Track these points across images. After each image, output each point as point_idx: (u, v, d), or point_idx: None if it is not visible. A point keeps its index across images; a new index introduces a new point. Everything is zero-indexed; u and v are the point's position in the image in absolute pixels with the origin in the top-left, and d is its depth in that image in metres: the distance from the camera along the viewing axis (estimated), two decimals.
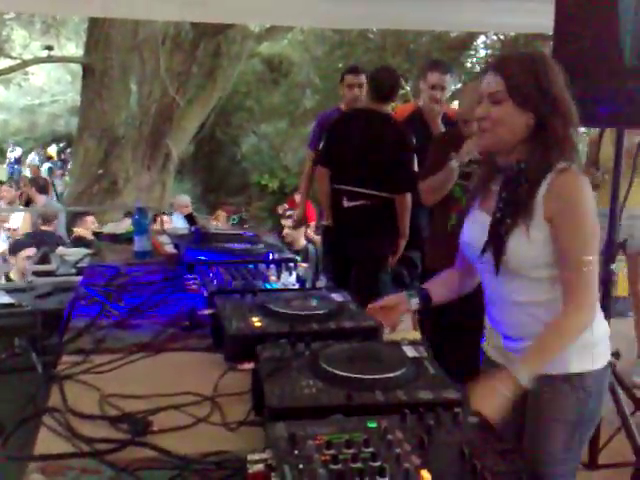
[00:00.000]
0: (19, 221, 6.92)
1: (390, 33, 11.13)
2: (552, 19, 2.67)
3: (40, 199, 7.01)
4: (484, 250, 1.70)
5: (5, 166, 21.27)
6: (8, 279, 5.18)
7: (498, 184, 1.73)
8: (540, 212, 1.63)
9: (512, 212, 1.67)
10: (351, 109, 4.02)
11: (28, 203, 8.70)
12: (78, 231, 6.15)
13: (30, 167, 16.10)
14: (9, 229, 6.92)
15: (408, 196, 3.73)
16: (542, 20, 4.17)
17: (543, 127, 1.63)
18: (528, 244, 1.64)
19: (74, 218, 6.83)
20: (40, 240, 5.63)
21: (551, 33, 2.79)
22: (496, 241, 1.67)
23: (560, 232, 1.62)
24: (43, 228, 6.21)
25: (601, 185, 3.94)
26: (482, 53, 13.30)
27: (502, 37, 11.54)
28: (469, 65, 13.44)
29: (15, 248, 5.19)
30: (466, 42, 12.21)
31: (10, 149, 20.98)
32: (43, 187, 7.27)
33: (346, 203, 3.77)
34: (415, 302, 1.89)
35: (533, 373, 1.57)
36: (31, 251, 5.10)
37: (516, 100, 1.63)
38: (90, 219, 6.45)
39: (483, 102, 1.68)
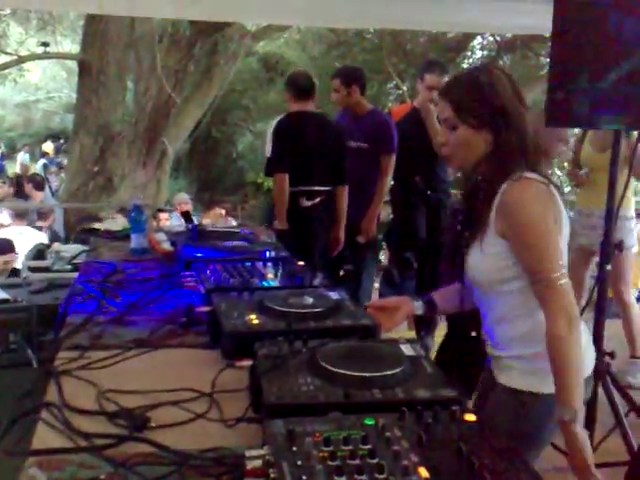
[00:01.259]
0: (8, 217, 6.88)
1: (387, 33, 11.13)
2: (549, 20, 2.67)
3: (37, 195, 7.00)
4: (453, 264, 1.71)
5: None
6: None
7: None
8: (492, 227, 1.63)
9: (469, 226, 1.70)
10: (293, 112, 4.10)
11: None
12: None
13: (21, 166, 16.02)
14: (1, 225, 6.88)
15: (346, 187, 4.04)
16: (539, 21, 4.18)
17: (498, 140, 1.65)
18: (482, 258, 1.65)
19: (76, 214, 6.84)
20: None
21: (548, 34, 2.80)
22: (458, 256, 1.71)
23: (514, 249, 1.61)
24: (39, 224, 6.20)
25: (585, 184, 3.97)
26: (478, 54, 13.34)
27: (498, 38, 11.56)
28: (465, 66, 13.46)
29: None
30: (463, 43, 12.23)
31: None
32: (39, 184, 7.27)
33: (305, 202, 3.94)
34: (420, 306, 1.89)
35: (575, 410, 1.53)
36: (11, 257, 5.04)
37: (468, 122, 1.66)
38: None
39: (441, 129, 1.73)
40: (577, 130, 4.33)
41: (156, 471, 1.06)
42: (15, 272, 4.96)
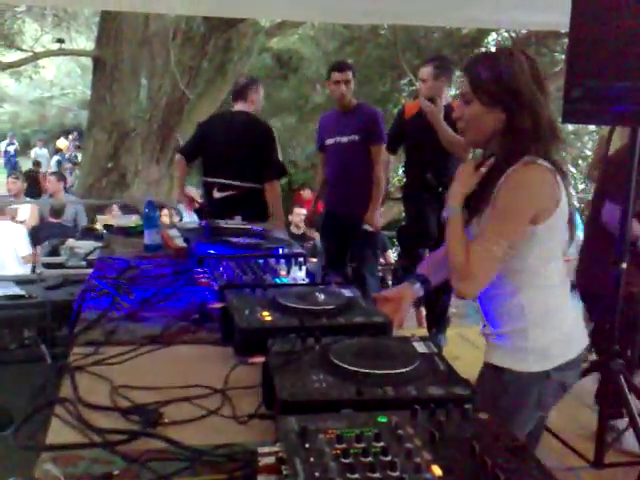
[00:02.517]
0: (26, 213, 6.94)
1: (401, 29, 11.09)
2: (565, 16, 2.65)
3: (62, 191, 7.08)
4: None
5: (1, 159, 21.32)
6: None
7: None
8: (491, 206, 1.69)
9: (472, 202, 1.76)
10: (219, 111, 4.33)
11: (33, 196, 8.73)
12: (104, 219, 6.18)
13: (34, 162, 16.08)
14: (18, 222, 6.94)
15: (276, 183, 4.24)
16: (555, 17, 4.16)
17: (512, 121, 1.70)
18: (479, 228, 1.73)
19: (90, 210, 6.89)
20: (50, 233, 5.66)
21: (564, 30, 2.78)
22: (468, 217, 1.79)
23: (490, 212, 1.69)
24: (52, 220, 6.25)
25: None
26: (493, 50, 13.27)
27: (514, 34, 11.49)
28: None
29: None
30: (477, 39, 12.15)
31: (8, 142, 20.97)
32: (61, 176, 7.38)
33: (216, 194, 4.16)
34: (419, 287, 1.94)
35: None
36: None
37: (481, 99, 1.72)
38: (115, 208, 6.48)
39: (458, 102, 1.81)
40: (604, 127, 4.29)
41: (169, 467, 1.07)
42: None
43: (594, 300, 2.99)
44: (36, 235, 5.51)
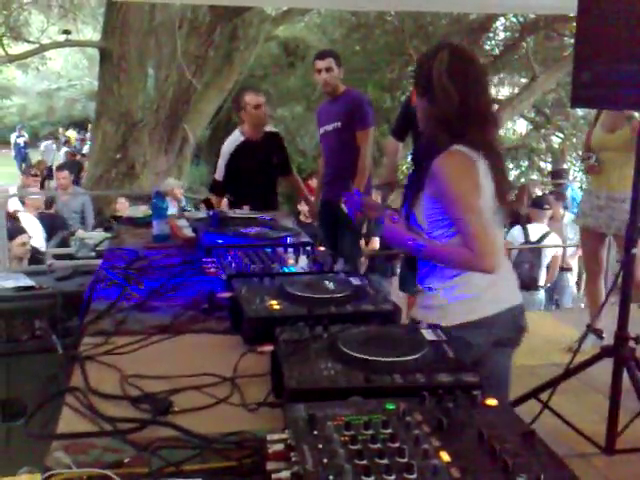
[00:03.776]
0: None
1: (408, 15, 11.02)
2: (574, 0, 2.63)
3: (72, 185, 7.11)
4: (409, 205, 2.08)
5: (12, 151, 21.35)
6: None
7: None
8: (427, 188, 1.95)
9: (413, 184, 2.06)
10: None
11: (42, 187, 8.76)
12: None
13: (42, 154, 16.07)
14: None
15: None
16: (563, 1, 4.12)
17: (432, 110, 1.94)
18: (426, 200, 1.97)
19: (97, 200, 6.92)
20: (51, 223, 5.69)
21: (572, 14, 2.75)
22: (407, 209, 2.08)
23: (442, 206, 1.92)
24: (47, 212, 6.28)
25: (594, 169, 3.91)
26: (501, 36, 13.15)
27: (522, 19, 11.39)
28: (488, 48, 13.29)
29: (10, 235, 5.18)
30: (485, 24, 12.06)
31: (17, 134, 20.99)
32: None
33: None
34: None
35: (419, 250, 1.94)
36: (25, 237, 5.11)
37: (416, 89, 2.01)
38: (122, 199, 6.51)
39: None
40: (581, 112, 4.29)
41: (179, 455, 1.07)
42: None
43: None
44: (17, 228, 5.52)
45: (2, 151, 24.73)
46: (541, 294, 5.98)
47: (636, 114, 3.60)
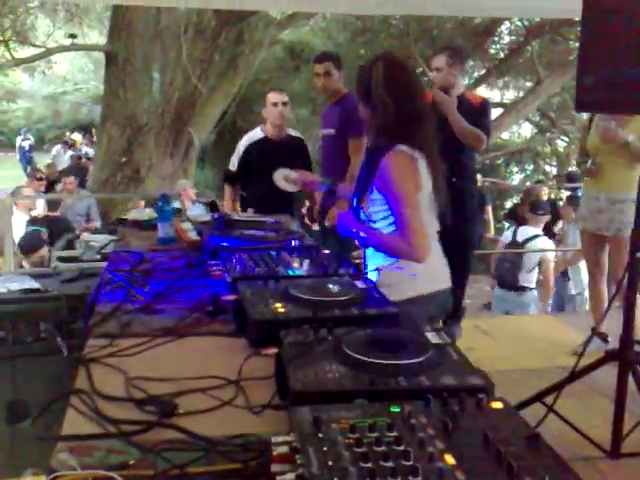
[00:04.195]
0: (40, 208, 7.01)
1: (413, 19, 11.04)
2: (579, 4, 2.63)
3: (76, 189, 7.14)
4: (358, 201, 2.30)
5: (17, 155, 21.39)
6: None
7: None
8: (376, 184, 2.19)
9: (359, 187, 2.28)
10: None
11: (48, 190, 8.79)
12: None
13: (52, 160, 16.03)
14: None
15: None
16: (569, 5, 4.12)
17: (371, 117, 2.18)
18: (371, 201, 2.22)
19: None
20: (56, 226, 5.72)
21: (578, 18, 2.75)
22: (356, 203, 2.29)
23: (386, 200, 2.17)
24: (52, 214, 6.30)
25: (591, 172, 3.91)
26: (507, 39, 13.14)
27: (527, 23, 11.38)
28: (493, 51, 13.29)
29: (27, 249, 5.20)
30: (490, 28, 12.06)
31: (22, 137, 21.03)
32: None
33: None
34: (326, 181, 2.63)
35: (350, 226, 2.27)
36: (44, 251, 5.14)
37: (359, 99, 2.24)
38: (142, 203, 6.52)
39: None
40: (585, 118, 4.29)
41: (184, 457, 1.08)
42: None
43: None
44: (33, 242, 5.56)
45: (8, 154, 24.82)
46: (528, 296, 5.95)
47: (630, 137, 3.61)
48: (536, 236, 6.01)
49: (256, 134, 4.44)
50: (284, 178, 2.85)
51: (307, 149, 4.55)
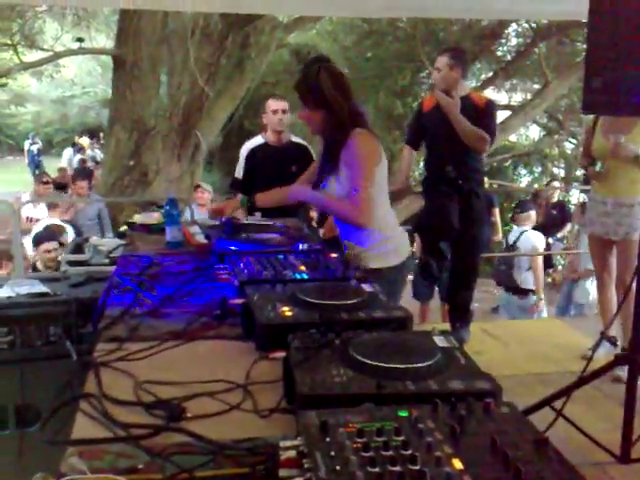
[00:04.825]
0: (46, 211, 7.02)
1: (420, 22, 11.03)
2: (586, 5, 2.62)
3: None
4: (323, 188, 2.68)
5: (26, 159, 21.48)
6: (35, 269, 5.29)
7: None
8: (342, 162, 2.56)
9: (325, 167, 2.67)
10: None
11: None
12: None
13: (67, 163, 16.05)
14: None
15: None
16: (575, 7, 4.11)
17: (330, 114, 2.53)
18: (338, 185, 2.60)
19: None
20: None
21: (585, 20, 2.74)
22: (324, 181, 2.67)
23: (347, 172, 2.55)
24: (65, 218, 6.33)
25: (600, 176, 3.89)
26: (514, 42, 13.12)
27: (534, 25, 11.35)
28: (500, 54, 13.26)
29: (36, 241, 5.28)
30: (497, 30, 12.04)
31: (30, 141, 21.12)
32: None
33: None
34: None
35: (313, 198, 2.74)
36: (51, 245, 5.18)
37: (308, 106, 2.59)
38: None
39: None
40: (589, 120, 4.27)
41: (192, 461, 1.08)
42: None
43: None
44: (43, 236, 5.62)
45: (17, 158, 24.93)
46: (532, 299, 5.95)
47: None
48: (523, 232, 6.05)
49: (257, 140, 4.48)
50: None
51: (310, 156, 4.53)
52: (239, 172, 4.48)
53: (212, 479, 1.04)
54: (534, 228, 6.37)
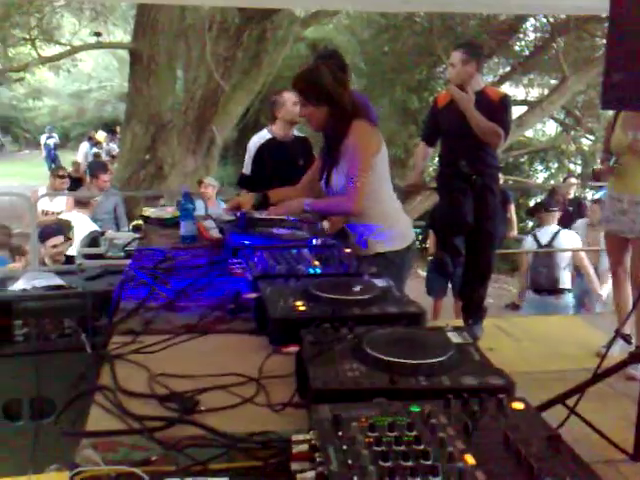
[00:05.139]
0: (62, 205, 7.06)
1: (437, 16, 10.96)
2: (606, 1, 2.60)
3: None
4: (327, 183, 2.86)
5: (42, 153, 21.63)
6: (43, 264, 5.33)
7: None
8: (344, 153, 2.72)
9: (328, 159, 2.83)
10: None
11: (72, 188, 8.86)
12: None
13: (83, 157, 16.12)
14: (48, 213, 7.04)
15: None
16: (595, 2, 4.07)
17: (334, 108, 2.68)
18: (339, 176, 2.76)
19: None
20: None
21: (604, 15, 2.72)
22: (327, 175, 2.84)
23: (346, 162, 2.70)
24: (80, 211, 6.35)
25: (615, 171, 3.85)
26: (531, 36, 13.01)
27: (552, 19, 11.25)
28: (518, 48, 13.16)
29: (43, 236, 5.30)
30: (515, 25, 11.94)
31: (47, 135, 21.26)
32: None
33: None
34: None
35: (307, 206, 2.81)
36: (58, 239, 5.22)
37: (311, 102, 2.71)
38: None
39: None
40: (609, 116, 4.23)
41: (205, 453, 1.09)
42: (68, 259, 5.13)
43: None
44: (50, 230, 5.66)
45: (34, 152, 25.13)
46: (568, 298, 5.90)
47: None
48: (558, 232, 5.97)
49: (264, 135, 4.48)
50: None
51: (312, 149, 4.57)
52: (247, 168, 4.49)
53: (225, 472, 1.04)
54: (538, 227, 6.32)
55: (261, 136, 4.48)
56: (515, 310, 6.64)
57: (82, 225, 5.89)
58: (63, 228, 5.43)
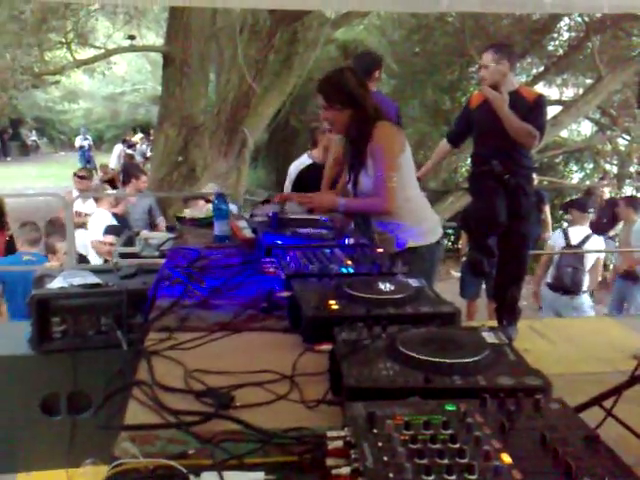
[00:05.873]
0: (93, 207, 7.16)
1: (469, 16, 10.87)
2: None
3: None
4: (354, 184, 2.92)
5: (77, 154, 21.99)
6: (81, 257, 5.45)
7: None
8: (369, 155, 2.79)
9: (354, 164, 2.88)
10: None
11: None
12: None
13: (118, 159, 16.33)
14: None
15: None
16: (632, 0, 4.00)
17: (357, 111, 2.75)
18: (366, 178, 2.83)
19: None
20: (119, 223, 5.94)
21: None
22: (354, 177, 2.91)
23: (372, 162, 2.77)
24: (114, 211, 6.47)
25: None
26: (565, 36, 12.83)
27: (587, 19, 11.09)
28: (552, 48, 12.99)
29: (107, 231, 5.46)
30: (549, 24, 11.79)
31: (82, 137, 21.63)
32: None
33: None
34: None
35: (342, 206, 2.87)
36: (114, 239, 5.34)
37: (334, 107, 2.79)
38: (201, 202, 6.63)
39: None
40: None
41: (241, 448, 1.10)
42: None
43: None
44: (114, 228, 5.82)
45: (68, 154, 25.54)
46: (583, 298, 5.83)
47: None
48: (588, 236, 5.91)
49: (304, 161, 4.54)
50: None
51: None
52: (288, 190, 4.57)
53: (260, 466, 1.05)
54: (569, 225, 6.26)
55: (301, 161, 4.56)
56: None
57: (100, 217, 6.07)
58: (119, 231, 5.58)
